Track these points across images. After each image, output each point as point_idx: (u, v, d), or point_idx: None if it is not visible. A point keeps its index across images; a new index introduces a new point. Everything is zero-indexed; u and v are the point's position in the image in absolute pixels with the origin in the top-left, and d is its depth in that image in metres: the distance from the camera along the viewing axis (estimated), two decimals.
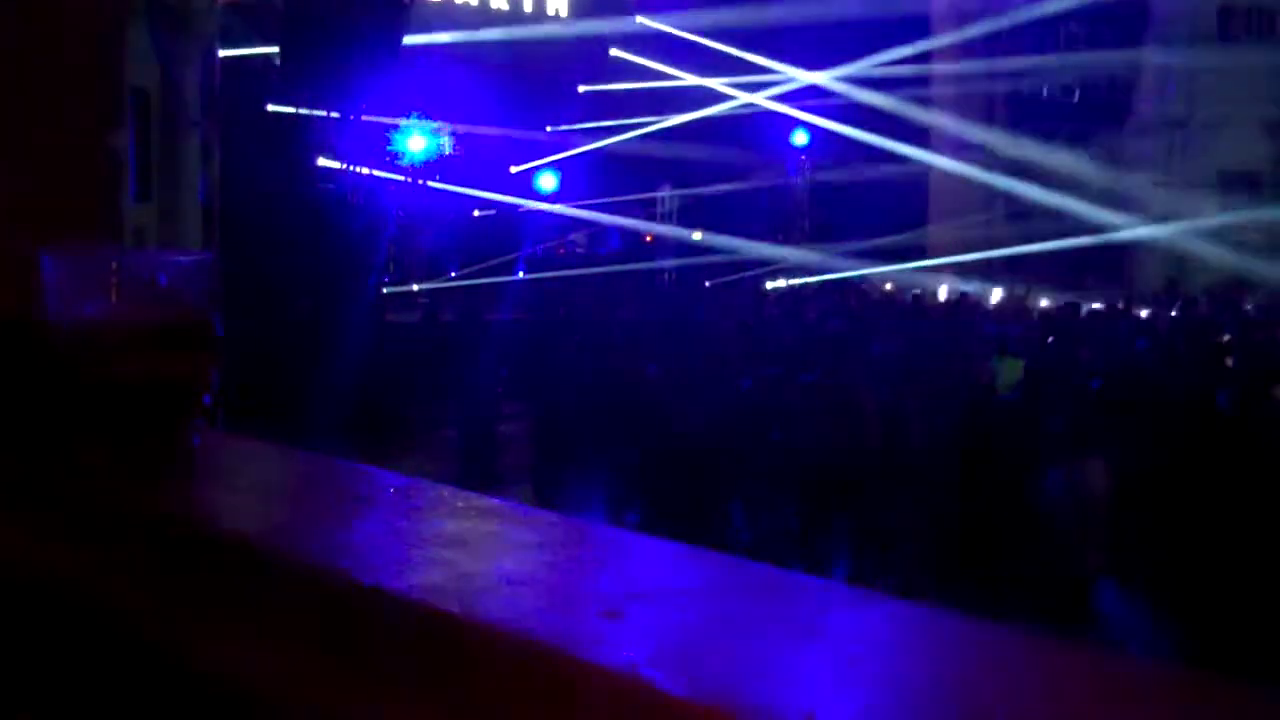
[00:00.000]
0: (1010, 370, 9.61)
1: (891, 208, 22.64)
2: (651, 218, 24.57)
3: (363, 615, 1.53)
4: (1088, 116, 24.54)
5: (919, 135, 22.80)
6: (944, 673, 1.27)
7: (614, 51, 22.58)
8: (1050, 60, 23.60)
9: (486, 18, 22.17)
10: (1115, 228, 19.98)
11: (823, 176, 24.62)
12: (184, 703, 1.67)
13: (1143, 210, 20.76)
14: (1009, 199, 22.35)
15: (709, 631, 1.39)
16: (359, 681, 1.48)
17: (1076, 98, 25.32)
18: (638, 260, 22.67)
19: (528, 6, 23.35)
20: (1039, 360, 10.29)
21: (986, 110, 24.11)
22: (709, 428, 8.68)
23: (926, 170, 23.42)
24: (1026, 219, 21.06)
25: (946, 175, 22.98)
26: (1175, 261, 20.94)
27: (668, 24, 21.86)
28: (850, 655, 1.31)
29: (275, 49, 14.62)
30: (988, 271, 20.89)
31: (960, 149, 22.74)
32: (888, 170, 22.21)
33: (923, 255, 22.54)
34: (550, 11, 23.55)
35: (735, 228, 22.15)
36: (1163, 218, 20.37)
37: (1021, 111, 24.34)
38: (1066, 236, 19.54)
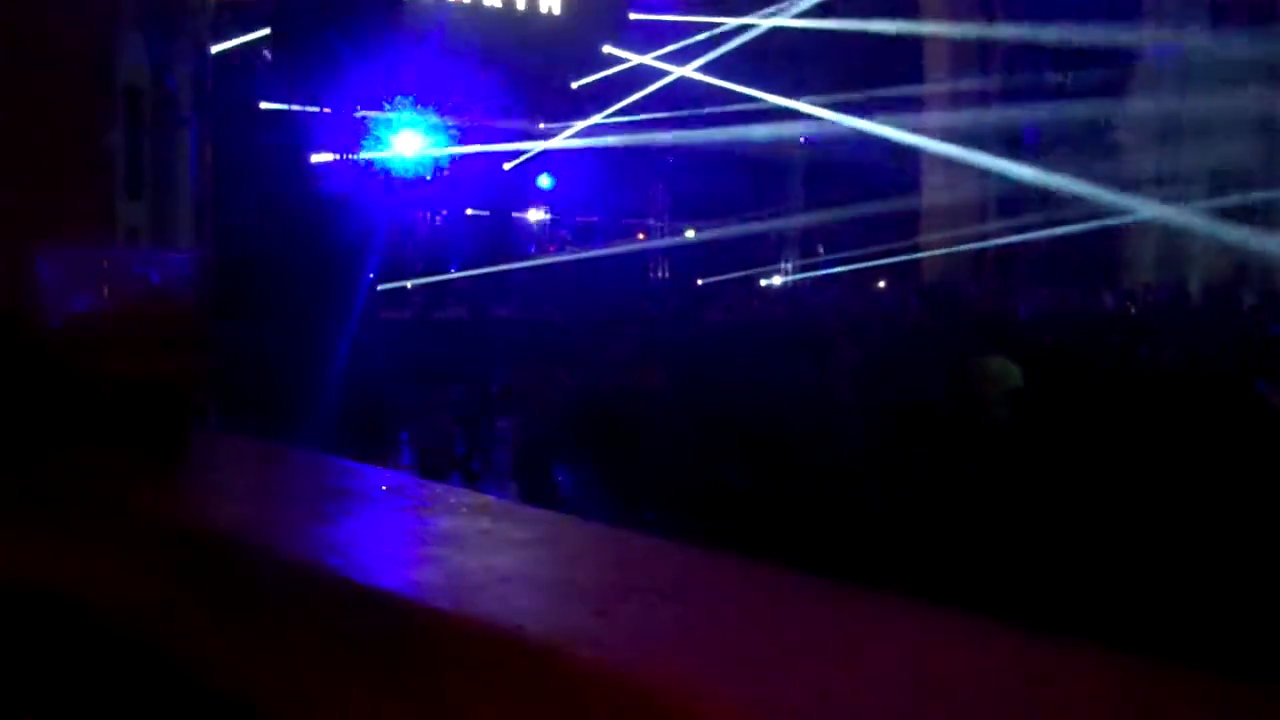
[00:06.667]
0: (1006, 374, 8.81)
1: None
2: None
3: (355, 612, 1.54)
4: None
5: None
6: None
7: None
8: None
9: (479, 15, 22.13)
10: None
11: None
12: (179, 699, 1.67)
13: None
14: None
15: (699, 628, 1.40)
16: (352, 677, 1.48)
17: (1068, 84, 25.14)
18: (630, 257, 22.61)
19: (520, 4, 23.30)
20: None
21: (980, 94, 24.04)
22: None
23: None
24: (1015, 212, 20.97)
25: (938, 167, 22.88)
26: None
27: None
28: (835, 648, 1.32)
29: (267, 44, 14.60)
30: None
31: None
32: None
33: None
34: (543, 9, 23.51)
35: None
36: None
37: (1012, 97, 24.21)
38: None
